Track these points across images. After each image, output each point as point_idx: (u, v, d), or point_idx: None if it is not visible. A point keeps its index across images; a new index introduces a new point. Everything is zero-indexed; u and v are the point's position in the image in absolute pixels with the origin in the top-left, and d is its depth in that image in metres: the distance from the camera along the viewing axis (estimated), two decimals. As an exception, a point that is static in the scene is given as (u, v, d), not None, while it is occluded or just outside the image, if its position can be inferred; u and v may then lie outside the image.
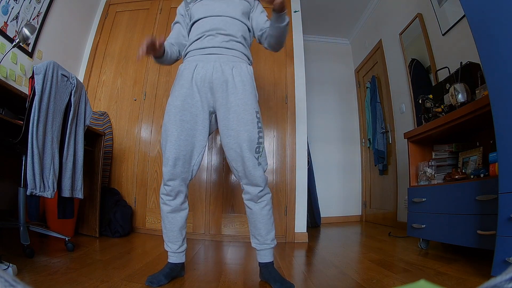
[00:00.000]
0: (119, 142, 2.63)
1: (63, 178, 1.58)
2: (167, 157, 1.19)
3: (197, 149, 1.23)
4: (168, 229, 1.24)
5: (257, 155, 1.19)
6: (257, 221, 1.24)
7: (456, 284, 1.16)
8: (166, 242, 1.26)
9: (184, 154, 1.20)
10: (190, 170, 1.23)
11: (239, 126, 1.19)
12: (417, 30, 2.80)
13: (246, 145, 1.18)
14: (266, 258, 1.24)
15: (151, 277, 1.15)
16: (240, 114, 1.19)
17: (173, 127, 1.20)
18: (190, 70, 1.24)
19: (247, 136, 1.18)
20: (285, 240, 2.31)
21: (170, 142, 1.19)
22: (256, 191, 1.20)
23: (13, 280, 0.28)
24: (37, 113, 1.37)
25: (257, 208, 1.23)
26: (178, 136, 1.19)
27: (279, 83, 2.62)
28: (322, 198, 3.63)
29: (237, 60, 1.27)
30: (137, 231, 2.43)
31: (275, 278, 1.17)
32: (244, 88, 1.23)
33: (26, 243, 1.38)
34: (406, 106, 3.03)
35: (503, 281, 0.26)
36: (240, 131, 1.18)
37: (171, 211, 1.23)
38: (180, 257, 1.26)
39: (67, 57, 2.65)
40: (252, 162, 1.18)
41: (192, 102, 1.22)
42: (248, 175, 1.19)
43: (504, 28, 1.21)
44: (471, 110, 1.52)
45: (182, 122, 1.20)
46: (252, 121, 1.20)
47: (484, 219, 1.39)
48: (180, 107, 1.21)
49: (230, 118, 1.20)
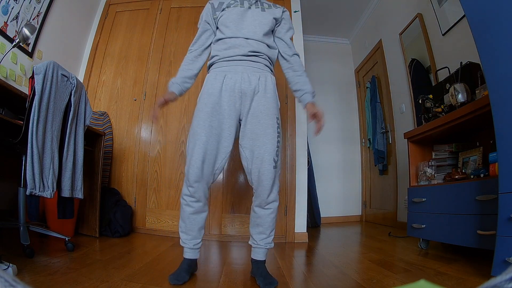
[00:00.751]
0: (119, 142, 2.63)
1: (63, 178, 1.58)
2: (195, 159, 1.22)
3: (221, 154, 1.26)
4: (188, 228, 1.27)
5: (276, 157, 1.25)
6: (259, 225, 1.28)
7: (456, 284, 1.16)
8: (183, 239, 1.29)
9: (209, 158, 1.23)
10: (212, 173, 1.26)
11: (261, 130, 1.24)
12: (417, 30, 2.80)
13: (267, 148, 1.23)
14: (259, 256, 1.28)
15: (173, 276, 1.18)
16: (262, 119, 1.25)
17: (203, 131, 1.24)
18: (219, 80, 1.28)
19: (269, 140, 1.24)
20: (285, 240, 2.31)
21: (198, 146, 1.22)
22: (265, 195, 1.23)
23: (13, 280, 0.28)
24: (37, 113, 1.37)
25: (263, 213, 1.27)
26: (207, 140, 1.23)
27: (279, 83, 2.61)
28: (322, 198, 3.63)
29: (262, 71, 1.31)
30: (137, 231, 2.43)
31: (261, 274, 1.22)
32: (266, 96, 1.28)
33: (26, 243, 1.38)
34: (406, 106, 3.03)
35: (503, 281, 0.26)
36: (262, 135, 1.24)
37: (194, 213, 1.26)
38: (196, 253, 1.30)
39: (67, 57, 2.65)
40: (269, 165, 1.22)
41: (220, 110, 1.26)
42: (261, 176, 1.23)
43: (504, 28, 1.21)
44: (471, 110, 1.52)
45: (210, 128, 1.24)
46: (273, 126, 1.26)
47: (484, 219, 1.39)
48: (209, 113, 1.25)
49: (253, 122, 1.26)
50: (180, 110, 2.59)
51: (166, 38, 2.79)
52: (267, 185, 1.22)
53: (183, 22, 2.83)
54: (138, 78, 2.73)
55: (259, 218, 1.28)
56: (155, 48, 2.78)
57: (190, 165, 1.22)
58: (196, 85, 2.78)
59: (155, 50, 2.77)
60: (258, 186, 1.24)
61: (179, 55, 2.71)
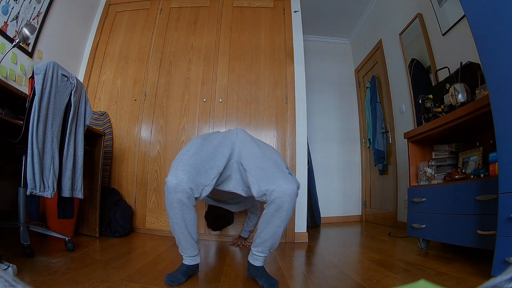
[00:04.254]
0: (119, 142, 2.63)
1: (63, 178, 1.58)
2: (183, 163, 1.18)
3: (214, 172, 1.22)
4: (181, 239, 1.22)
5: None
6: (263, 231, 1.22)
7: (456, 284, 1.16)
8: (180, 250, 1.26)
9: (200, 167, 1.19)
10: (200, 187, 1.18)
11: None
12: (417, 30, 2.80)
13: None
14: (257, 263, 1.25)
15: (170, 276, 1.16)
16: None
17: (194, 146, 1.27)
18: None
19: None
20: (285, 240, 2.31)
21: (187, 154, 1.23)
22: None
23: (13, 280, 0.28)
24: (37, 113, 1.37)
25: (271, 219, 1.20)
26: (198, 151, 1.24)
27: (279, 83, 2.62)
28: (322, 198, 3.63)
29: None
30: (137, 231, 2.43)
31: (261, 274, 1.20)
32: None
33: (26, 243, 1.38)
34: (406, 106, 3.03)
35: (503, 281, 0.26)
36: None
37: (182, 218, 1.16)
38: (195, 259, 1.27)
39: (67, 57, 2.65)
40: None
41: (218, 150, 1.30)
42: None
43: (504, 28, 1.21)
44: (471, 110, 1.52)
45: (202, 146, 1.27)
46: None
47: (484, 219, 1.39)
48: (205, 139, 1.32)
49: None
50: (180, 110, 2.59)
51: (166, 38, 2.79)
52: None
53: (183, 22, 2.83)
54: (138, 78, 2.73)
55: (265, 224, 1.23)
56: (155, 48, 2.78)
57: (177, 167, 1.20)
58: (194, 82, 2.76)
59: (155, 50, 2.77)
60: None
61: (179, 55, 2.71)
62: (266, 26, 2.76)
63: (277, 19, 2.79)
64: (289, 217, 1.18)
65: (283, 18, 2.78)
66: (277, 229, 1.18)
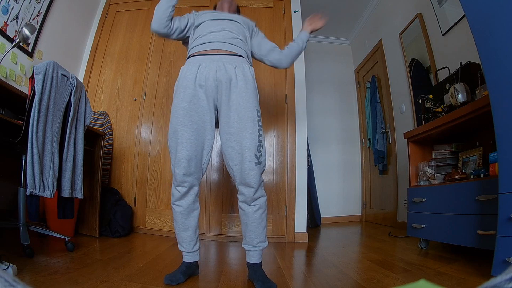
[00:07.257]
0: (119, 142, 2.63)
1: (63, 178, 1.58)
2: (179, 159, 1.19)
3: (206, 148, 1.25)
4: (182, 232, 1.25)
5: (258, 153, 1.20)
6: (248, 223, 1.25)
7: (456, 284, 1.16)
8: (180, 243, 1.27)
9: (196, 155, 1.22)
10: (201, 168, 1.25)
11: (240, 124, 1.20)
12: (417, 30, 2.80)
13: (247, 143, 1.19)
14: (254, 259, 1.25)
15: (169, 276, 1.17)
16: (241, 112, 1.21)
17: (183, 128, 1.21)
18: (193, 71, 1.25)
19: (249, 134, 1.19)
20: (285, 240, 2.31)
21: (181, 144, 1.20)
22: (251, 193, 1.20)
23: (13, 280, 0.28)
24: (37, 113, 1.37)
25: (250, 210, 1.23)
26: (189, 137, 1.20)
27: (279, 83, 2.62)
28: (322, 198, 3.64)
29: (239, 60, 1.28)
30: (137, 231, 2.43)
31: (258, 278, 1.18)
32: (246, 87, 1.24)
33: (26, 243, 1.38)
34: (406, 106, 3.03)
35: (503, 281, 0.26)
36: (241, 129, 1.20)
37: (186, 216, 1.24)
38: (195, 256, 1.28)
39: (67, 57, 2.65)
40: (250, 161, 1.18)
41: (198, 102, 1.23)
42: (243, 174, 1.19)
43: (504, 28, 1.21)
44: (471, 110, 1.52)
45: (191, 123, 1.21)
46: (253, 119, 1.21)
47: (484, 219, 1.39)
48: (187, 108, 1.22)
49: (231, 115, 1.21)
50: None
51: (166, 38, 2.79)
52: (251, 183, 1.18)
53: (183, 22, 2.83)
54: (138, 78, 2.73)
55: (246, 216, 1.24)
56: (155, 48, 2.78)
57: (176, 165, 1.20)
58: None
59: (155, 50, 2.77)
60: (241, 184, 1.21)
61: (179, 55, 2.70)
62: (266, 26, 2.75)
63: (277, 19, 2.79)
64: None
65: (283, 18, 2.78)
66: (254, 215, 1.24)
